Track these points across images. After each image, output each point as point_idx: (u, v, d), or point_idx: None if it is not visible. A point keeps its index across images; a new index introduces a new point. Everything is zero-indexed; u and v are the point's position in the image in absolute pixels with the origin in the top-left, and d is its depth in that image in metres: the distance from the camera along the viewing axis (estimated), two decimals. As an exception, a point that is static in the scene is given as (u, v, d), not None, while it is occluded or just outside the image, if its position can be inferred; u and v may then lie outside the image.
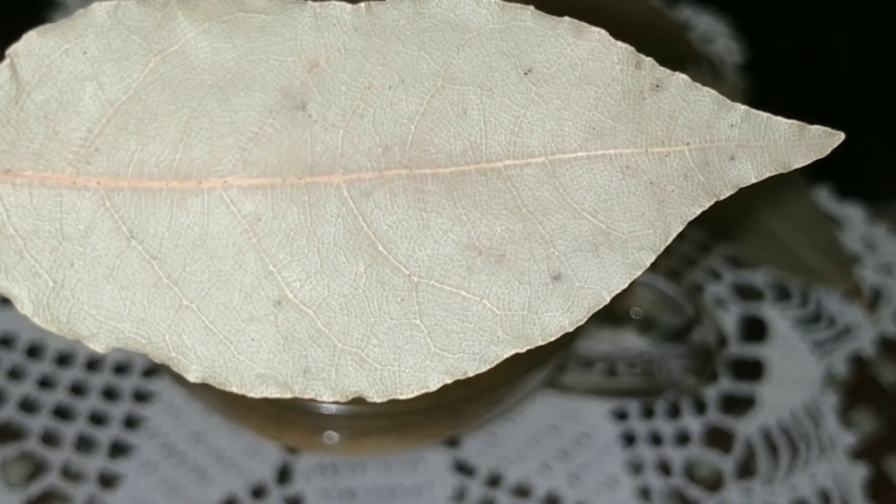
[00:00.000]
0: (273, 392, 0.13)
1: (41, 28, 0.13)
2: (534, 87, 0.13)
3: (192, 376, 0.13)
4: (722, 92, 0.42)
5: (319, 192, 0.13)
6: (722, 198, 0.14)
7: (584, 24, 0.14)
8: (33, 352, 0.35)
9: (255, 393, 0.13)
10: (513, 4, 0.13)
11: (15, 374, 0.35)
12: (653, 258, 0.14)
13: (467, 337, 0.14)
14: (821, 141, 0.14)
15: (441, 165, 0.13)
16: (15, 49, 0.13)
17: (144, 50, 0.13)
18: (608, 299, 0.14)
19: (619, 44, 0.14)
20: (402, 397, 0.13)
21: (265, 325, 0.13)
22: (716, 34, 0.43)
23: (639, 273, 0.14)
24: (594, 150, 0.13)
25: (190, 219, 0.13)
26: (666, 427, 0.35)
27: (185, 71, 0.13)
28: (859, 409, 0.36)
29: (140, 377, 0.35)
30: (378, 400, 0.13)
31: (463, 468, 0.34)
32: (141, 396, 0.35)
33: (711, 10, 0.44)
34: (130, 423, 0.34)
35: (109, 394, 0.35)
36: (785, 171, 0.13)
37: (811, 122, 0.14)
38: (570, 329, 0.14)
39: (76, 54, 0.14)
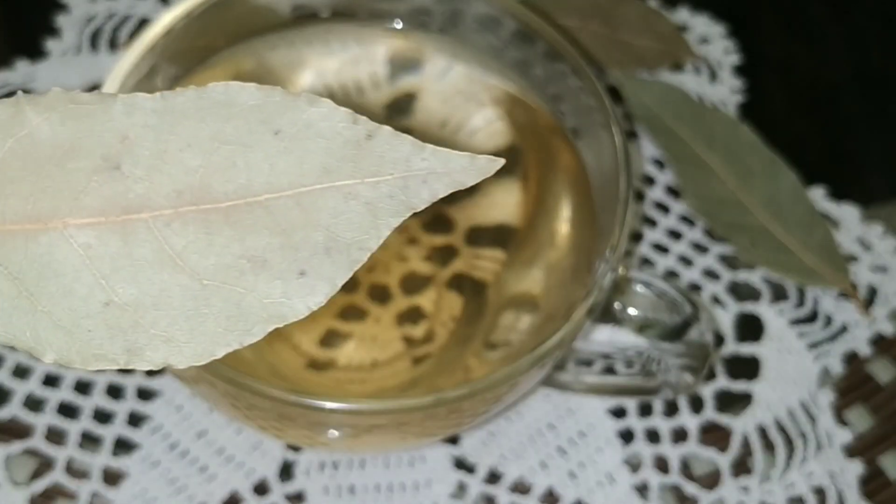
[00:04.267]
0: (105, 366, 0.19)
1: None
2: (282, 142, 0.19)
3: (48, 359, 0.19)
4: (720, 92, 0.42)
5: (133, 225, 0.19)
6: (418, 210, 0.18)
7: (317, 96, 0.19)
8: (38, 350, 0.35)
9: (92, 368, 0.19)
10: (266, 86, 0.19)
11: (20, 372, 0.35)
12: (368, 255, 0.19)
13: (242, 319, 0.19)
14: (486, 166, 0.19)
15: (220, 202, 0.19)
16: None
17: (3, 134, 0.19)
18: (339, 286, 0.19)
19: (342, 109, 0.19)
20: (198, 364, 0.19)
21: (97, 320, 0.19)
22: (713, 36, 0.43)
23: (358, 266, 0.19)
24: (326, 183, 0.19)
25: (40, 249, 0.19)
26: (663, 424, 0.36)
27: (33, 148, 0.19)
28: (855, 407, 0.36)
29: (143, 375, 0.35)
30: (181, 367, 0.19)
31: (462, 465, 0.34)
32: (144, 394, 0.35)
33: (709, 12, 0.44)
34: (134, 420, 0.35)
35: (113, 391, 0.35)
36: (462, 188, 0.18)
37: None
38: (315, 308, 0.19)
39: None
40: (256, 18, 0.35)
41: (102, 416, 0.34)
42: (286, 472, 0.34)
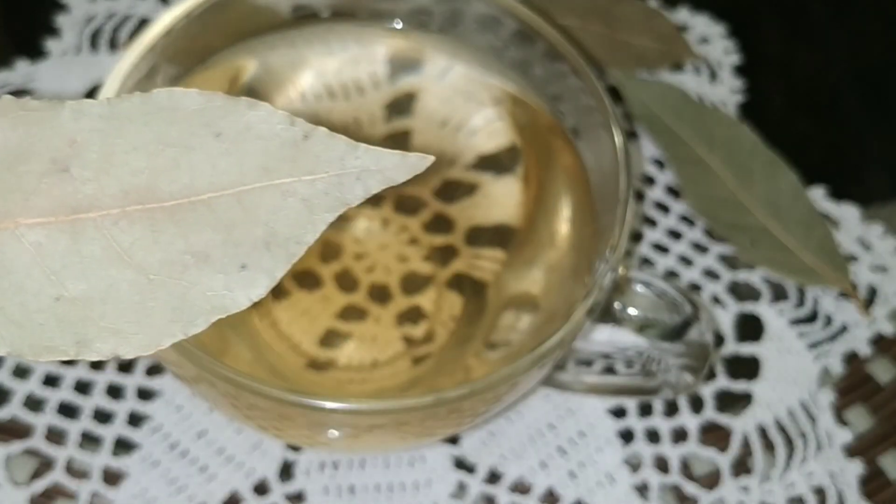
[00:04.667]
0: (55, 357, 0.19)
1: None
2: (223, 144, 0.19)
3: (2, 352, 0.19)
4: (720, 92, 0.42)
5: (82, 224, 0.19)
6: (353, 205, 0.19)
7: (256, 100, 0.19)
8: (38, 350, 0.35)
9: (44, 359, 0.19)
10: (208, 91, 0.19)
11: (20, 372, 0.35)
12: (304, 249, 0.19)
13: (186, 311, 0.19)
14: (417, 163, 0.19)
15: (164, 201, 0.19)
16: None
17: None
18: (279, 278, 0.19)
19: (280, 111, 0.19)
20: (145, 354, 0.19)
21: (48, 314, 0.19)
22: (713, 36, 0.43)
23: (296, 259, 0.19)
24: (265, 182, 0.19)
25: None
26: (663, 424, 0.36)
27: None
28: (855, 407, 0.36)
29: (143, 375, 0.35)
30: (129, 357, 0.19)
31: (462, 465, 0.34)
32: (144, 394, 0.35)
33: (709, 12, 0.44)
34: (134, 420, 0.35)
35: (113, 391, 0.35)
36: (393, 185, 0.19)
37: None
38: (256, 300, 0.19)
39: None
40: (256, 18, 0.35)
41: (102, 416, 0.34)
42: (286, 472, 0.34)
